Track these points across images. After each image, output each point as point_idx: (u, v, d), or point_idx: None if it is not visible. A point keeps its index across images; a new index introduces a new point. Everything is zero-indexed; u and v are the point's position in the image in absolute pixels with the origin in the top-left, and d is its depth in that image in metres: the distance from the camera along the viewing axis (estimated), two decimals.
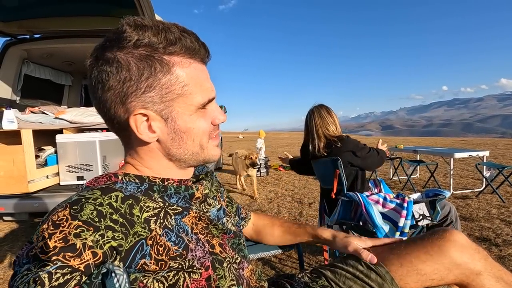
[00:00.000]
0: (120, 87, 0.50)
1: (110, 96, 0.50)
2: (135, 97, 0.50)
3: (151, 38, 0.49)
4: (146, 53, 0.49)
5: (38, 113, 2.63)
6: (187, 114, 0.54)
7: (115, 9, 2.45)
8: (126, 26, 0.49)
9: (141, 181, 0.54)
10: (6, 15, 2.40)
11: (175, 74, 0.51)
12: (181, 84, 0.52)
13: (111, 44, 0.50)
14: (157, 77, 0.50)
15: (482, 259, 0.67)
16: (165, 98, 0.51)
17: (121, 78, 0.49)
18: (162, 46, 0.50)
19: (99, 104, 0.52)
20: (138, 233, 0.47)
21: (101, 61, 0.50)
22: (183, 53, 0.52)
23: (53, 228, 0.40)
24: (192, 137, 0.55)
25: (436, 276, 0.66)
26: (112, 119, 0.53)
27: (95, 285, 0.40)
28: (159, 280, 0.48)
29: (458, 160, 6.35)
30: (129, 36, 0.48)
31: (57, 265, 0.38)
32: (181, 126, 0.54)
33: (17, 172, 2.07)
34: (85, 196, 0.45)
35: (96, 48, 0.52)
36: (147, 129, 0.53)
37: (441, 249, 0.66)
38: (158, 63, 0.50)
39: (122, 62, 0.49)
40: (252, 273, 0.70)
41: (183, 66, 0.52)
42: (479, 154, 4.02)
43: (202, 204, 0.62)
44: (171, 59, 0.51)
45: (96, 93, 0.52)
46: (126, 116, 0.51)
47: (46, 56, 2.93)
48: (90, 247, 0.41)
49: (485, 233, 2.54)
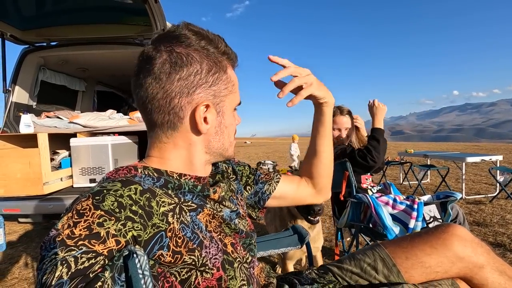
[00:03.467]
0: (192, 79, 0.55)
1: (180, 86, 0.54)
2: (203, 89, 0.56)
3: (208, 44, 0.56)
4: (210, 53, 0.57)
5: (53, 118, 2.72)
6: (230, 111, 0.61)
7: (128, 17, 2.53)
8: (184, 29, 0.56)
9: (158, 176, 0.56)
10: (25, 24, 2.51)
11: (228, 74, 0.60)
12: (232, 83, 0.60)
13: (178, 42, 0.55)
14: (220, 73, 0.58)
15: (485, 253, 0.68)
16: (222, 93, 0.58)
17: (193, 71, 0.55)
18: (217, 51, 0.58)
19: (162, 93, 0.54)
20: (156, 225, 0.48)
21: (174, 54, 0.54)
22: (228, 59, 0.60)
23: (77, 217, 0.43)
24: (228, 132, 0.62)
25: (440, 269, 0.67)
26: (170, 109, 0.55)
27: (117, 267, 0.42)
28: (172, 273, 0.50)
29: (471, 165, 6.22)
30: (192, 38, 0.55)
31: (82, 250, 0.40)
32: (225, 121, 0.60)
33: (33, 174, 2.14)
34: (107, 188, 0.47)
35: (165, 44, 0.55)
36: (203, 120, 0.57)
37: (445, 243, 0.67)
38: (220, 63, 0.58)
39: (196, 57, 0.55)
40: (261, 271, 0.72)
41: (231, 68, 0.61)
42: (492, 158, 3.94)
43: (216, 204, 0.63)
44: (224, 62, 0.59)
45: (160, 83, 0.54)
46: (190, 106, 0.55)
47: (62, 63, 3.03)
48: (114, 235, 0.43)
49: (500, 238, 2.48)
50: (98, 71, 3.51)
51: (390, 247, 0.74)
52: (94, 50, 2.76)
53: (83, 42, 2.74)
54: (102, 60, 3.04)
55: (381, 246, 0.76)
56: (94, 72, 3.51)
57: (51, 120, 2.65)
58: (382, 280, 0.71)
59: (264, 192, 0.79)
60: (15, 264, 2.35)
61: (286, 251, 0.98)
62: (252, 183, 0.80)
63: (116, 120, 2.59)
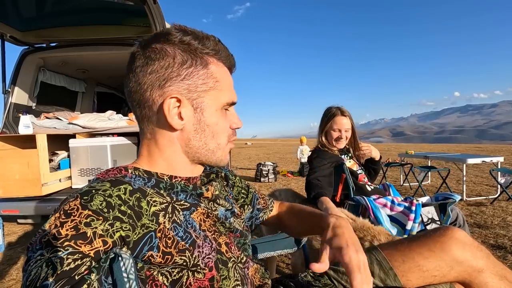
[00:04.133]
0: (163, 72, 0.54)
1: (151, 79, 0.55)
2: (174, 82, 0.55)
3: (193, 40, 0.56)
4: (190, 48, 0.56)
5: (52, 119, 2.73)
6: (213, 109, 0.58)
7: (128, 18, 2.54)
8: (173, 28, 0.56)
9: (149, 177, 0.56)
10: (24, 25, 2.52)
11: (211, 70, 0.58)
12: (215, 79, 0.58)
13: (159, 38, 0.56)
14: (196, 68, 0.56)
15: (484, 257, 0.66)
16: (199, 88, 0.56)
17: (165, 64, 0.54)
18: (201, 47, 0.57)
19: (137, 86, 0.56)
20: (146, 225, 0.48)
21: (149, 49, 0.55)
22: (217, 57, 0.59)
23: (64, 217, 0.42)
24: (212, 132, 0.59)
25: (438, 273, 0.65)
26: (144, 102, 0.56)
27: (103, 269, 0.41)
28: (163, 274, 0.50)
29: (472, 167, 6.19)
30: (175, 34, 0.55)
31: (68, 251, 0.39)
32: (206, 119, 0.58)
33: (32, 175, 2.14)
34: (95, 187, 0.47)
35: (144, 41, 0.57)
36: (177, 115, 0.56)
37: (443, 246, 0.66)
38: (199, 58, 0.56)
39: (169, 51, 0.55)
40: (256, 271, 0.71)
41: (217, 66, 0.59)
42: (493, 160, 3.92)
43: (211, 203, 0.63)
44: (208, 58, 0.58)
45: (136, 77, 0.55)
46: (161, 99, 0.55)
47: (61, 64, 3.04)
48: (100, 235, 0.42)
49: (501, 240, 2.46)
50: (98, 72, 3.52)
51: (387, 250, 0.73)
52: (94, 51, 2.76)
53: (82, 43, 2.74)
54: (101, 61, 3.04)
55: (378, 249, 0.75)
56: (94, 73, 3.52)
57: (50, 121, 2.66)
58: (379, 284, 0.70)
59: (258, 218, 0.83)
60: (13, 266, 2.34)
61: (282, 253, 0.97)
62: (249, 204, 0.81)
63: (115, 121, 2.59)
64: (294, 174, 6.61)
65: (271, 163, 6.09)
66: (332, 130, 1.79)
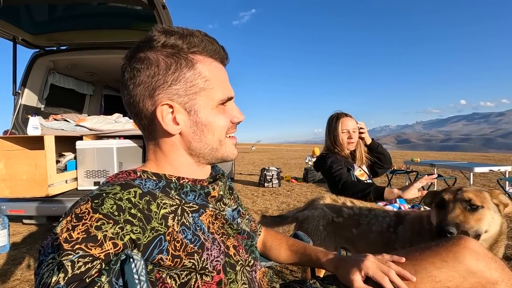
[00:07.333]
0: (149, 81, 0.54)
1: (140, 90, 0.55)
2: (162, 90, 0.54)
3: (177, 40, 0.55)
4: (173, 51, 0.55)
5: (60, 121, 2.76)
6: (208, 108, 0.57)
7: (136, 23, 2.58)
8: (155, 31, 0.55)
9: (158, 179, 0.56)
10: (36, 28, 2.57)
11: (198, 70, 0.56)
12: (204, 79, 0.56)
13: (142, 46, 0.56)
14: (182, 71, 0.55)
15: (499, 268, 0.64)
16: (189, 91, 0.55)
17: (151, 73, 0.54)
18: (186, 46, 0.55)
19: (130, 99, 0.56)
20: (155, 228, 0.48)
21: (133, 60, 0.55)
22: (205, 53, 0.57)
23: (76, 221, 0.43)
24: (212, 131, 0.58)
25: (451, 284, 0.63)
26: (140, 113, 0.57)
27: (114, 271, 0.42)
28: (172, 276, 0.50)
29: (479, 176, 6.11)
30: (157, 39, 0.54)
31: (79, 254, 0.40)
32: (202, 119, 0.57)
33: (39, 176, 2.16)
34: (106, 191, 0.47)
35: (129, 51, 0.57)
36: (172, 121, 0.56)
37: (457, 256, 0.64)
38: (183, 59, 0.55)
39: (152, 59, 0.54)
40: (264, 275, 0.70)
41: (205, 63, 0.57)
42: (501, 169, 3.87)
43: (218, 203, 0.63)
44: (194, 57, 0.56)
45: (128, 90, 0.56)
46: (153, 108, 0.55)
47: (71, 67, 3.09)
48: (111, 238, 0.42)
49: (509, 251, 2.41)
50: (106, 75, 3.57)
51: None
52: (103, 54, 2.81)
53: (92, 47, 2.80)
54: (110, 64, 3.09)
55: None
56: (102, 76, 3.57)
57: (58, 123, 2.69)
58: None
59: None
60: (18, 266, 2.35)
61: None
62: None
63: (122, 124, 2.61)
64: (298, 180, 6.58)
65: (275, 168, 6.07)
66: (341, 132, 1.77)
